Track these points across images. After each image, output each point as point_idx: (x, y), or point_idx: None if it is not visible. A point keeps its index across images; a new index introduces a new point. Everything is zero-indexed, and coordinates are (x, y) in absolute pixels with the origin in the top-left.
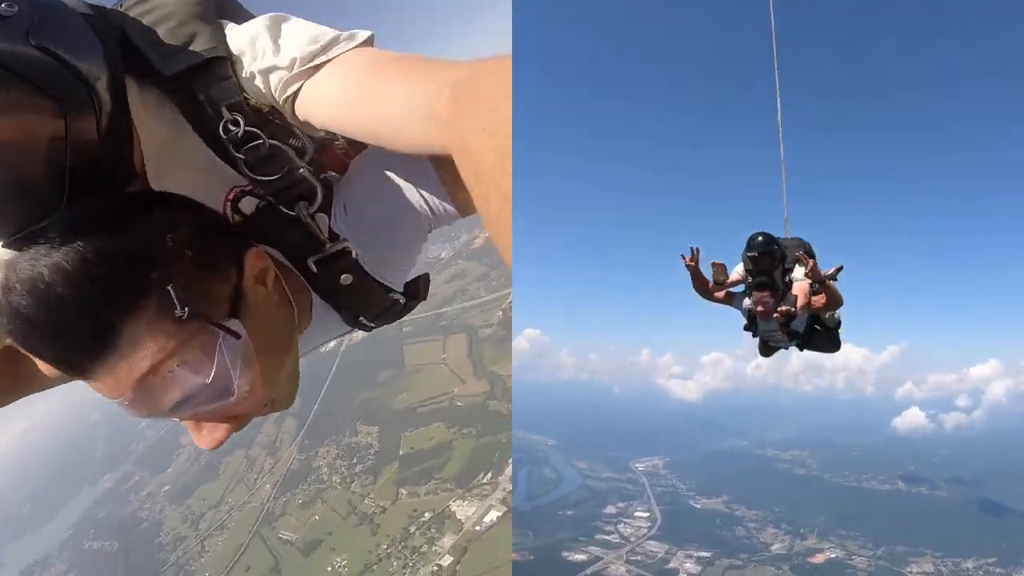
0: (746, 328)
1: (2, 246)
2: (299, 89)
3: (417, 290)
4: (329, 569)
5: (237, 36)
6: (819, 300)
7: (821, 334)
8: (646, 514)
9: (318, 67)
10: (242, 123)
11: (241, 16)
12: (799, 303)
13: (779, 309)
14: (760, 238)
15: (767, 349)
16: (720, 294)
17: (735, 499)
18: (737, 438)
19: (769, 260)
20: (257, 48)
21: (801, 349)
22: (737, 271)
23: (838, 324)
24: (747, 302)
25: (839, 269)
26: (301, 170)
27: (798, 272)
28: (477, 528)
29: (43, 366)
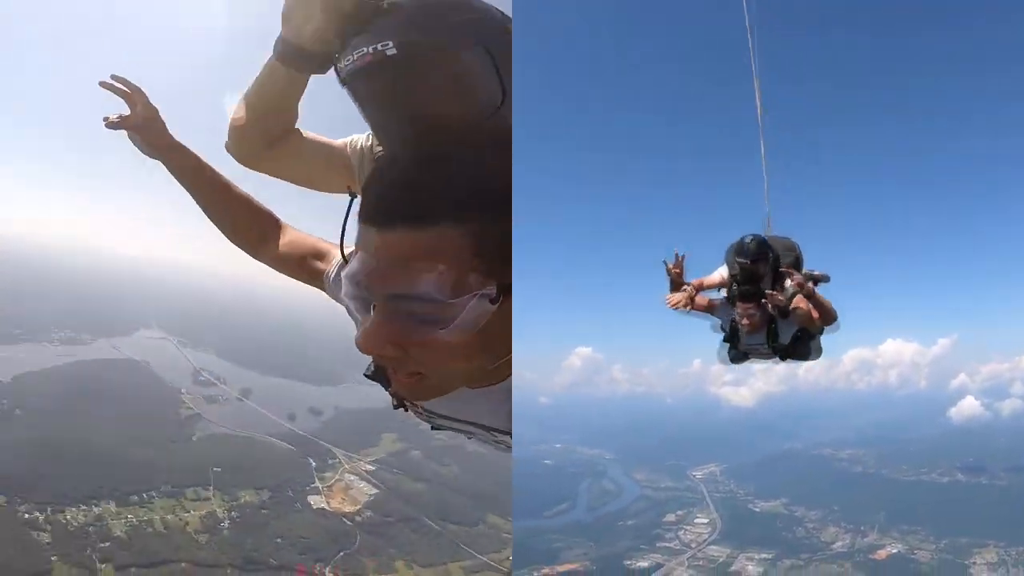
0: (726, 340)
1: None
2: None
3: None
4: None
5: None
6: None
7: (802, 341)
8: (706, 520)
9: None
10: None
11: None
12: (803, 318)
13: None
14: (752, 244)
15: (739, 356)
16: (703, 301)
17: (794, 500)
18: (792, 440)
19: (763, 268)
20: None
21: (782, 359)
22: (719, 274)
23: (821, 330)
24: (732, 313)
25: (822, 278)
26: None
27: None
28: None
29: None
